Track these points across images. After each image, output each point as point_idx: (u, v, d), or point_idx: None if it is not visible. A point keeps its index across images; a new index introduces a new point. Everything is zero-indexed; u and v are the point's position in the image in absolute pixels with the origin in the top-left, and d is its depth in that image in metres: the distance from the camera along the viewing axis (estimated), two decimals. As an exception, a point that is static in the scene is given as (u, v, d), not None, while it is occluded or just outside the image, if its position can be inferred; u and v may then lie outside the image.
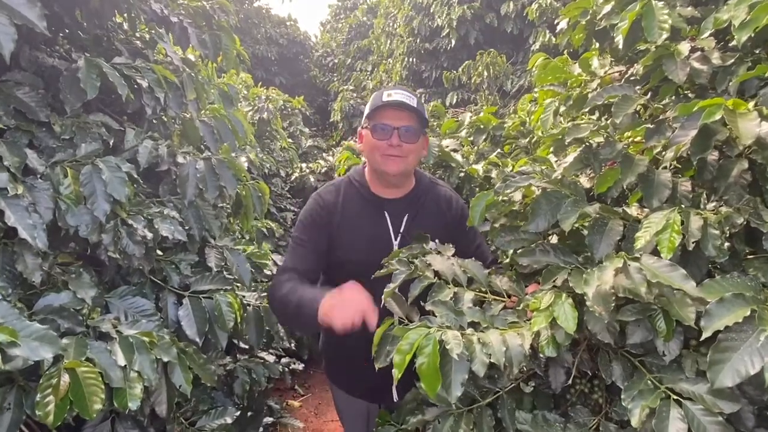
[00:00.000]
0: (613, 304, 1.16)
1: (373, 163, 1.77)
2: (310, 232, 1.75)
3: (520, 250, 1.46)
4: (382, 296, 1.41)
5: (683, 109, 1.26)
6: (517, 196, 1.64)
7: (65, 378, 1.14)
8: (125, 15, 2.13)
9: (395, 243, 1.74)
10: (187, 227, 1.69)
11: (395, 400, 1.75)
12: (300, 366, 3.26)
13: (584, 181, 1.71)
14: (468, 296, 1.40)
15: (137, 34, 2.24)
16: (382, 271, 1.47)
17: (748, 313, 0.99)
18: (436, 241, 1.64)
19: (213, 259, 1.82)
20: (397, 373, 1.14)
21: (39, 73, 1.68)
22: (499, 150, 3.08)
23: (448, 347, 1.12)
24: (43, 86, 1.61)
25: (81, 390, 1.15)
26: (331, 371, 1.98)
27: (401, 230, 1.76)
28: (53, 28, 1.97)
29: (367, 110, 1.79)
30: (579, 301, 1.21)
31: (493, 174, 2.74)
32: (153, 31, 2.19)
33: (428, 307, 1.34)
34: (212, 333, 1.62)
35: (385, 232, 1.75)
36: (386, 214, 1.76)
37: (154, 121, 2.05)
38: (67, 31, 2.00)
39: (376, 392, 1.82)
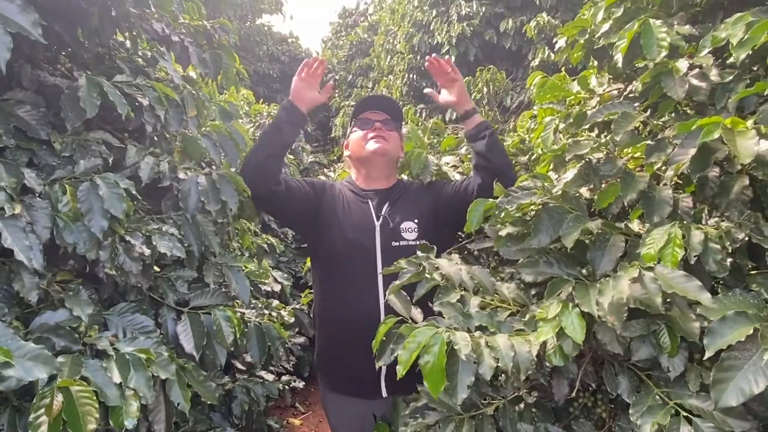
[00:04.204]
0: (626, 315, 1.16)
1: (358, 154, 2.01)
2: (312, 183, 2.02)
3: (523, 262, 1.46)
4: (385, 291, 1.52)
5: (682, 128, 1.26)
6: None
7: (58, 397, 1.12)
8: (127, 34, 2.15)
9: (377, 224, 1.92)
10: (186, 244, 1.68)
11: (384, 396, 1.86)
12: (300, 384, 3.23)
13: (585, 193, 1.71)
14: (474, 301, 1.41)
15: (139, 52, 2.25)
16: (391, 268, 1.50)
17: (751, 331, 0.98)
18: (418, 221, 1.91)
19: (211, 277, 1.81)
20: (401, 370, 1.15)
21: (40, 91, 1.69)
22: (499, 166, 3.07)
23: (456, 347, 1.13)
24: (44, 104, 1.61)
25: (75, 409, 1.13)
26: (323, 367, 2.03)
27: (382, 213, 1.95)
28: (55, 47, 1.99)
29: (352, 114, 2.07)
30: (586, 312, 1.21)
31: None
32: (155, 50, 2.21)
33: (436, 308, 1.36)
34: (210, 349, 1.61)
35: (367, 215, 1.95)
36: (369, 202, 1.98)
37: (155, 137, 2.06)
38: (69, 49, 2.02)
39: (366, 386, 1.88)
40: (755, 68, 1.59)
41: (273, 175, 1.86)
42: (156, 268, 1.64)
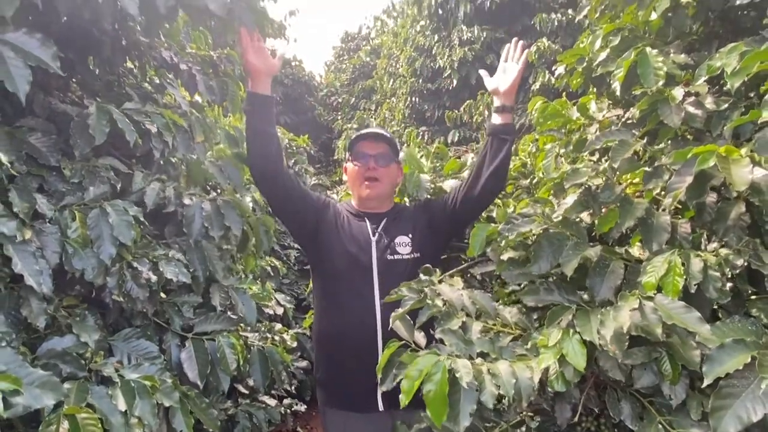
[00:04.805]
0: (627, 344, 1.17)
1: (355, 189, 2.10)
2: (318, 196, 2.11)
3: (524, 290, 1.48)
4: (382, 304, 1.60)
5: (678, 156, 1.28)
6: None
7: (64, 425, 1.13)
8: (136, 62, 2.20)
9: (373, 239, 1.99)
10: (191, 269, 1.70)
11: (380, 410, 1.89)
12: (302, 407, 3.22)
13: (586, 218, 1.73)
14: (476, 326, 1.42)
15: (147, 79, 2.31)
16: (392, 296, 1.51)
17: (749, 359, 0.99)
18: (412, 235, 1.99)
19: (217, 299, 1.83)
20: (404, 399, 1.16)
21: (51, 118, 1.72)
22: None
23: (457, 375, 1.13)
24: (54, 131, 1.65)
25: (80, 437, 1.14)
26: (320, 379, 2.04)
27: (378, 230, 2.01)
28: (66, 74, 2.04)
29: (348, 145, 2.15)
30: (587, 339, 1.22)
31: (494, 213, 2.76)
32: (163, 77, 2.26)
33: (438, 335, 1.36)
34: (214, 376, 1.62)
35: (364, 232, 2.02)
36: (366, 220, 2.05)
37: (162, 162, 2.09)
38: (80, 76, 2.07)
39: (363, 400, 1.90)
40: (751, 95, 1.62)
41: (270, 159, 1.90)
42: (162, 294, 1.66)
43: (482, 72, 2.11)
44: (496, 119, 1.97)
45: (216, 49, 2.50)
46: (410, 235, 2.01)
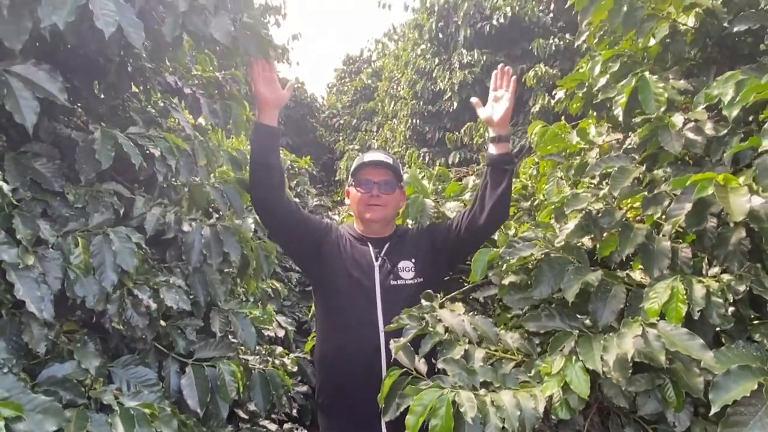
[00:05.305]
0: (630, 370, 1.17)
1: (358, 214, 2.08)
2: (319, 220, 2.14)
3: (526, 316, 1.47)
4: (390, 342, 1.53)
5: (677, 183, 1.29)
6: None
7: (64, 453, 1.12)
8: (141, 87, 2.23)
9: (376, 264, 2.00)
10: (192, 293, 1.70)
11: None
12: (302, 432, 3.17)
13: (587, 242, 1.73)
14: (479, 354, 1.42)
15: (152, 102, 2.33)
16: (393, 326, 1.50)
17: (755, 386, 0.99)
18: (415, 260, 1.98)
19: (217, 324, 1.82)
20: None
21: (56, 143, 1.74)
22: (502, 212, 3.10)
23: (462, 410, 1.13)
24: (59, 156, 1.66)
25: (80, 465, 1.13)
26: (322, 402, 2.04)
27: (381, 254, 2.02)
28: (71, 99, 2.06)
29: (351, 170, 2.11)
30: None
31: (496, 236, 2.77)
32: (167, 101, 2.28)
33: (440, 365, 1.36)
34: (213, 403, 1.60)
35: (367, 256, 2.02)
36: (369, 244, 2.06)
37: (165, 186, 2.10)
38: (85, 101, 2.09)
39: (365, 423, 1.86)
40: (750, 119, 1.64)
41: (274, 191, 1.92)
42: (162, 323, 1.66)
43: (473, 100, 2.11)
44: (493, 150, 1.97)
45: (221, 70, 2.53)
46: (413, 260, 2.01)
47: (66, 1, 1.32)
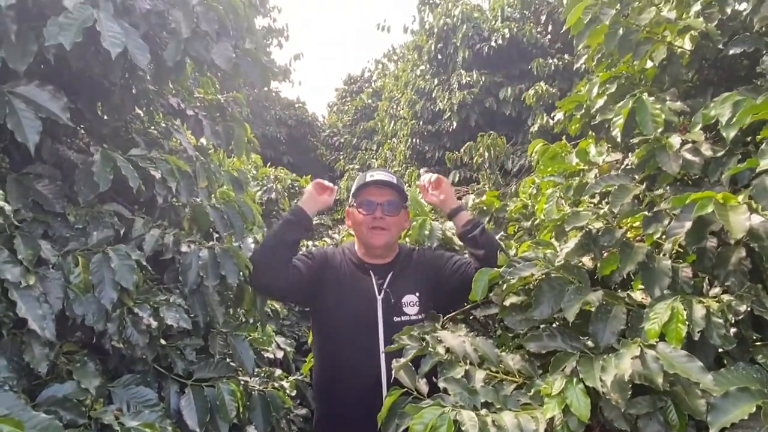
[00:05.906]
0: (630, 392, 1.16)
1: (360, 237, 2.02)
2: (313, 257, 2.02)
3: (527, 336, 1.47)
4: (392, 367, 1.51)
5: (676, 201, 1.30)
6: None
7: (63, 473, 1.11)
8: (144, 108, 2.25)
9: (379, 298, 1.94)
10: (192, 314, 1.70)
11: None
12: (302, 455, 3.13)
13: (588, 262, 1.73)
14: (480, 375, 1.41)
15: (155, 123, 2.36)
16: (393, 346, 1.50)
17: (754, 409, 0.98)
18: (419, 293, 1.93)
19: (216, 346, 1.81)
20: None
21: (58, 164, 1.75)
22: (502, 232, 3.11)
23: (463, 428, 1.12)
24: (60, 177, 1.67)
25: (78, 488, 1.11)
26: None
27: (384, 286, 1.96)
28: (74, 120, 2.08)
29: (353, 190, 2.05)
30: (591, 387, 1.20)
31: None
32: (169, 123, 2.30)
33: (441, 384, 1.35)
34: (213, 424, 1.59)
35: (369, 288, 1.95)
36: (371, 274, 1.99)
37: (165, 207, 2.11)
38: (88, 122, 2.11)
39: None
40: (747, 140, 1.65)
41: (279, 273, 1.90)
42: (162, 341, 1.65)
43: (420, 183, 2.16)
44: (457, 223, 2.01)
45: (224, 92, 2.56)
46: (418, 294, 1.96)
47: (73, 23, 1.35)
